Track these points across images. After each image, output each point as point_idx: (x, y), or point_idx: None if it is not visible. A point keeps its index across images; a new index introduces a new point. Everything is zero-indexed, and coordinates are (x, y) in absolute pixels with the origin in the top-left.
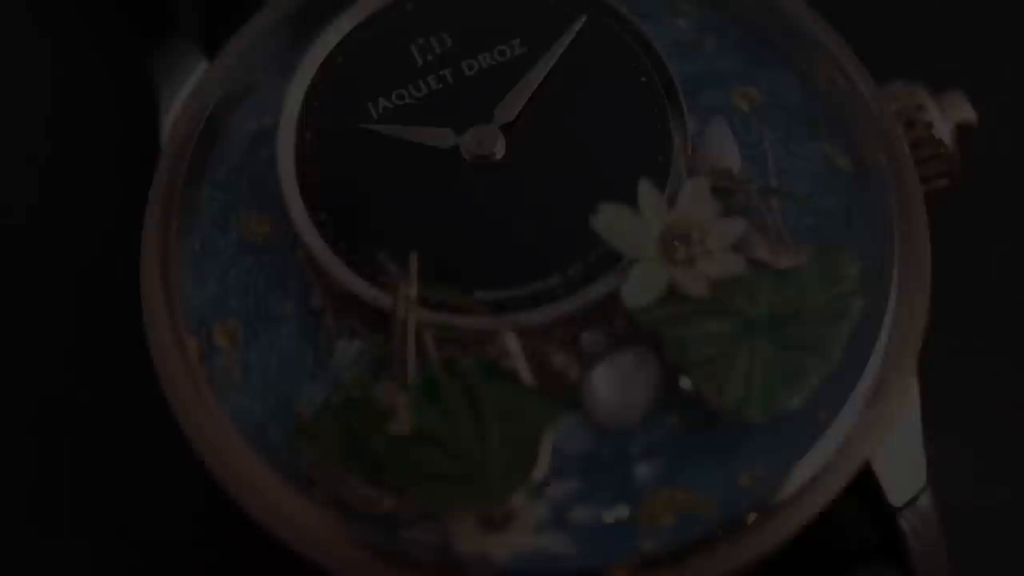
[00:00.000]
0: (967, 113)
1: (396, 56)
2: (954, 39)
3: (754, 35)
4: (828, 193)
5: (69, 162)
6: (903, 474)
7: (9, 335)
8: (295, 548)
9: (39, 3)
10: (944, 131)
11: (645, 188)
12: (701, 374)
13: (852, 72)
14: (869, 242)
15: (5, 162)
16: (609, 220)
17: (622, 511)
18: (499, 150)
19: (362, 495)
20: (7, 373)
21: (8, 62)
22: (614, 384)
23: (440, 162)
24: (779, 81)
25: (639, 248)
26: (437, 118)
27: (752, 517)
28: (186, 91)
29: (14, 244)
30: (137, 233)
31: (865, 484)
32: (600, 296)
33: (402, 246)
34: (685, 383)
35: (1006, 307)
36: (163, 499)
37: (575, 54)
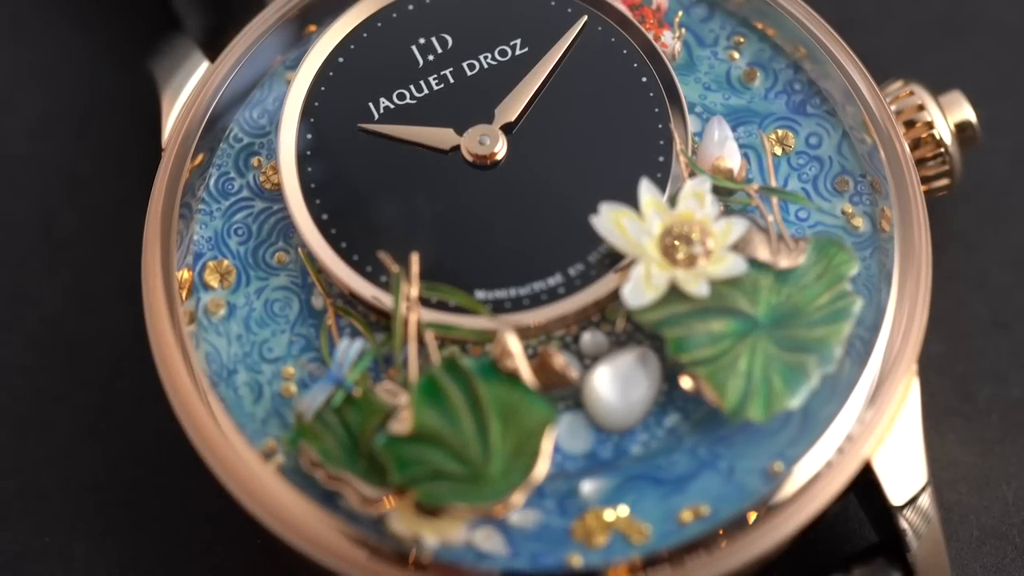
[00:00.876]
0: (967, 113)
1: (397, 56)
2: (954, 39)
3: (807, 82)
4: None
5: (69, 161)
6: (903, 473)
7: (17, 331)
8: (296, 547)
9: (41, 3)
10: (944, 131)
11: (646, 188)
12: (702, 374)
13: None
14: (869, 243)
15: (5, 161)
16: (610, 220)
17: (559, 523)
18: (500, 150)
19: (362, 495)
20: (7, 366)
21: (9, 61)
22: (615, 384)
23: (441, 162)
24: (819, 133)
25: (640, 248)
26: (438, 118)
27: (753, 517)
28: (188, 92)
29: (15, 243)
30: (140, 232)
31: (866, 483)
32: (601, 296)
33: (403, 246)
34: (686, 383)
35: (1006, 307)
36: (168, 499)
37: (576, 54)
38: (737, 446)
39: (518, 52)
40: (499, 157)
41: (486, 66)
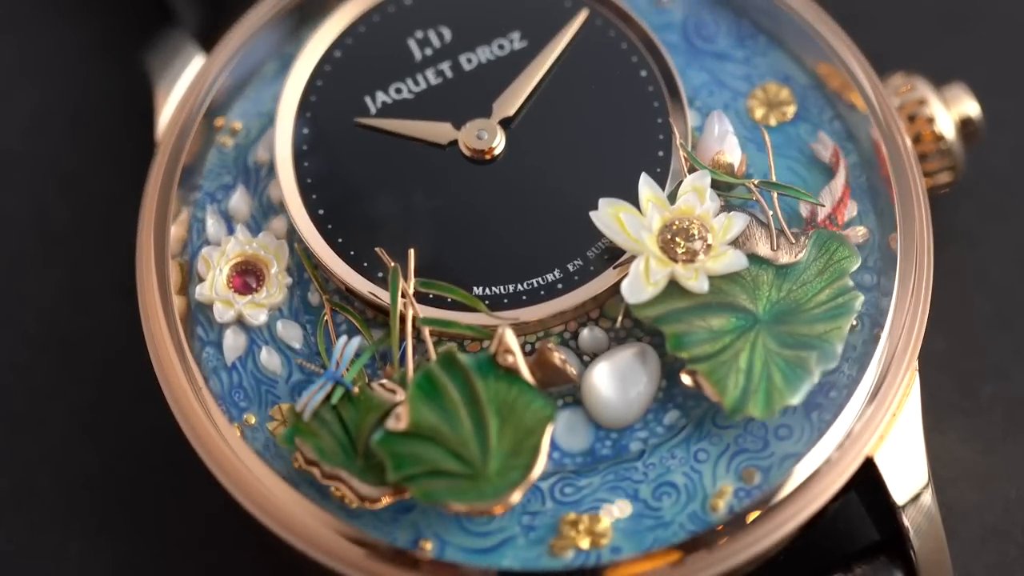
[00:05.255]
0: (970, 108)
1: (394, 50)
2: (956, 33)
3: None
4: None
5: (62, 157)
6: (905, 471)
7: (10, 329)
8: (292, 545)
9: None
10: (947, 126)
11: (645, 183)
12: (702, 370)
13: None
14: (870, 238)
15: (2, 159)
16: (609, 215)
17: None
18: (498, 145)
19: (359, 493)
20: (0, 364)
21: (1, 56)
22: (614, 381)
23: (438, 157)
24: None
25: (639, 243)
26: (435, 113)
27: (754, 515)
28: (182, 86)
29: (8, 240)
30: (134, 228)
31: (867, 481)
32: (599, 292)
33: (400, 241)
34: (685, 380)
35: (1008, 303)
36: (163, 497)
37: (575, 49)
38: (449, 531)
39: (516, 46)
40: (497, 152)
41: (484, 60)
